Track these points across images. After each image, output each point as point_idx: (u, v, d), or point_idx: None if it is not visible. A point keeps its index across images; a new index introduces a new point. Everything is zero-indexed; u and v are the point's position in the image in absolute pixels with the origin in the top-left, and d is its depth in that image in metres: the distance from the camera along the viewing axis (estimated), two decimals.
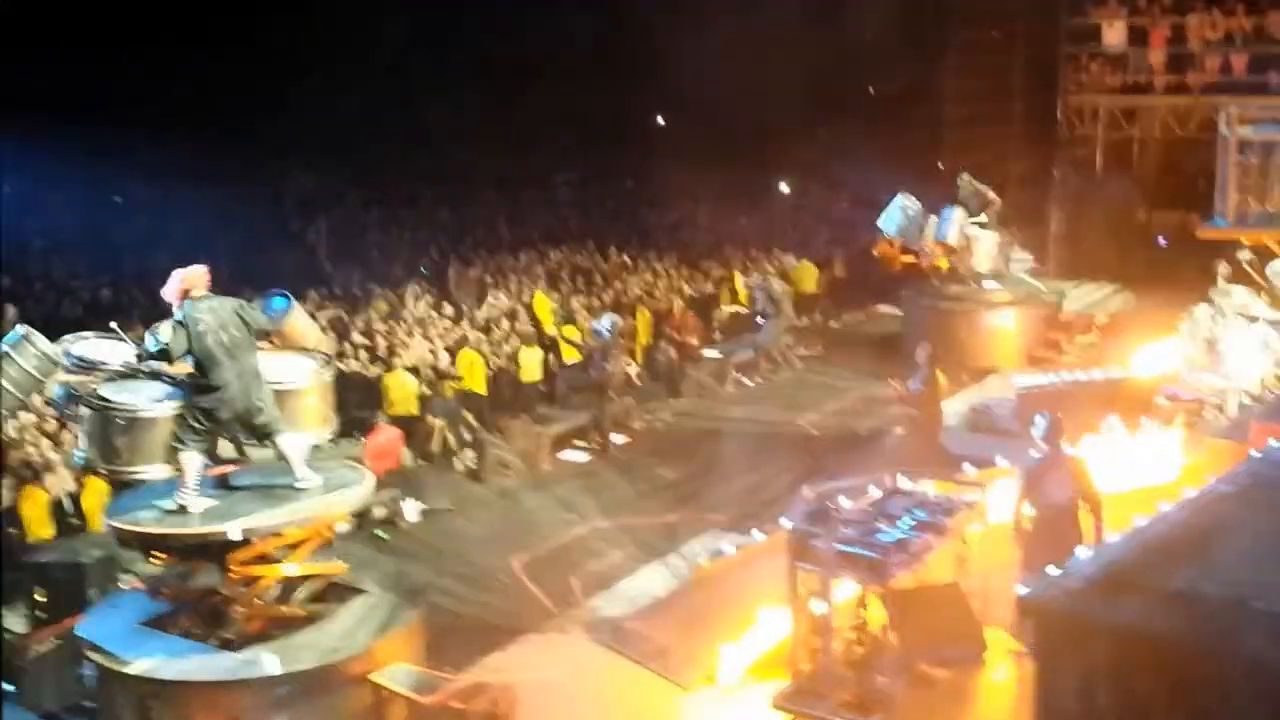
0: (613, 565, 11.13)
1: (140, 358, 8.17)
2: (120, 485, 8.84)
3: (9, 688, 9.08)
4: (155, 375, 8.16)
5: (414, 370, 14.50)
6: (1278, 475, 7.27)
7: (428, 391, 14.19)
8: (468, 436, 14.11)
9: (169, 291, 8.05)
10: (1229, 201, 18.52)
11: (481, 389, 14.87)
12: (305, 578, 8.46)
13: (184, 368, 8.03)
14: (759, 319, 18.15)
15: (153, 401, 8.06)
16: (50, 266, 19.73)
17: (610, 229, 24.10)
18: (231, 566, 8.04)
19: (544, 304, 17.99)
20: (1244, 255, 17.33)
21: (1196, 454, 11.26)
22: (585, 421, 14.70)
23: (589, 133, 28.73)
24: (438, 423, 13.78)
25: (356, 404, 13.86)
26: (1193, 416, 13.01)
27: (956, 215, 17.34)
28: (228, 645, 8.05)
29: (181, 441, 7.97)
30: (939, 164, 21.79)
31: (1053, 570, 6.23)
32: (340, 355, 14.27)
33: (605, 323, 15.00)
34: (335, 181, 25.94)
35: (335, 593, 8.82)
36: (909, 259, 17.71)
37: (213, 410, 8.00)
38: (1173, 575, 6.02)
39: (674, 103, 29.08)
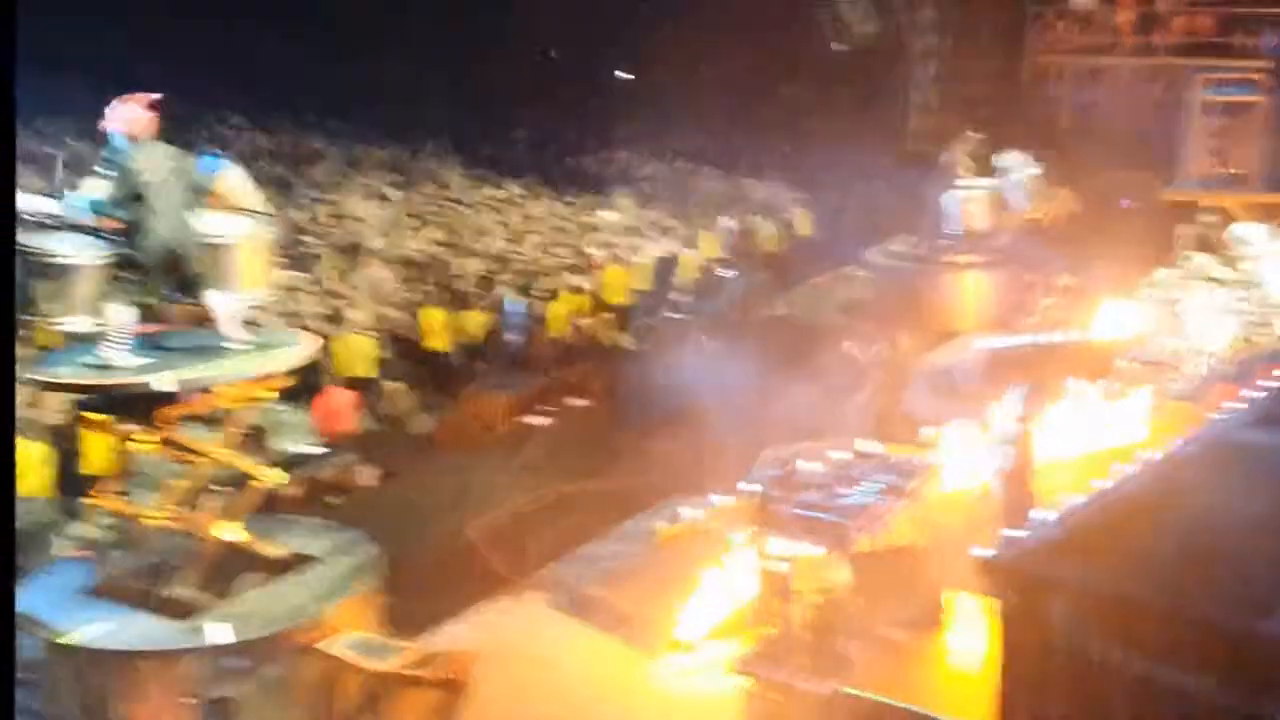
0: (572, 531, 10.99)
1: (67, 207, 7.89)
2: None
3: None
4: (77, 226, 7.88)
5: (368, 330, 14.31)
6: (1237, 437, 7.25)
7: (384, 354, 14.02)
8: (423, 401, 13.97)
9: (110, 123, 7.78)
10: (1194, 164, 18.54)
11: (445, 347, 14.70)
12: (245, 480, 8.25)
13: (110, 223, 7.76)
14: (724, 278, 18.04)
15: (76, 249, 7.76)
16: None
17: (573, 185, 23.86)
18: (160, 424, 7.80)
19: None
20: (1207, 218, 17.38)
21: (1158, 416, 11.26)
22: (542, 386, 14.54)
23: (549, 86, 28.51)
24: (392, 385, 13.60)
25: (307, 366, 13.66)
26: (1154, 379, 13.01)
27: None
28: (174, 612, 7.88)
29: (111, 293, 7.71)
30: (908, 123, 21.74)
31: (1012, 532, 6.17)
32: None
33: (519, 306, 14.96)
34: None
35: (287, 560, 8.66)
36: None
37: (139, 258, 7.74)
38: (1132, 536, 6.00)
39: (636, 55, 28.96)
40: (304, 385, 13.06)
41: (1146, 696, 5.39)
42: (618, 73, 30.60)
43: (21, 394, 11.77)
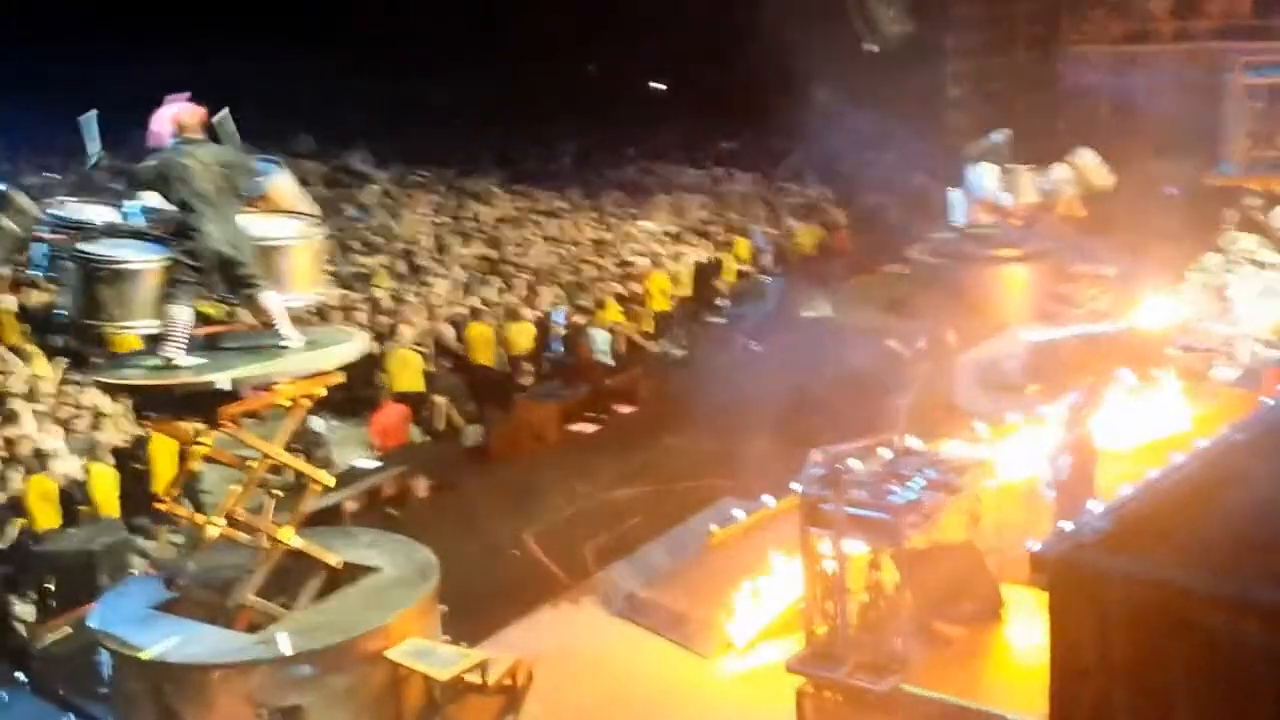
0: (625, 535, 11.08)
1: (124, 216, 8.12)
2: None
3: (23, 677, 9.12)
4: (138, 234, 8.09)
5: (418, 345, 14.50)
6: None
7: (432, 368, 14.20)
8: (474, 413, 14.13)
9: (158, 124, 7.96)
10: (1236, 148, 18.37)
11: (490, 362, 14.87)
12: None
13: (166, 228, 7.93)
14: (766, 282, 18.08)
15: (135, 254, 7.97)
16: None
17: (611, 197, 23.98)
18: (223, 421, 7.96)
19: None
20: (1252, 201, 17.21)
21: (1208, 403, 11.19)
22: (590, 394, 14.65)
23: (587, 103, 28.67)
24: (441, 399, 13.77)
25: (361, 382, 13.87)
26: (1204, 366, 12.92)
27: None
28: (242, 624, 8.08)
29: (169, 295, 7.87)
30: (945, 119, 21.67)
31: (1065, 525, 6.19)
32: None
33: (558, 314, 15.08)
34: None
35: (349, 571, 8.82)
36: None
37: (195, 259, 7.87)
38: (1185, 525, 5.98)
39: (669, 66, 29.00)
40: (360, 399, 13.31)
41: (1207, 687, 5.38)
42: (652, 83, 30.68)
43: (86, 417, 12.09)
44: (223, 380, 7.77)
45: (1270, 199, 17.19)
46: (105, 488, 11.28)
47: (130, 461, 11.77)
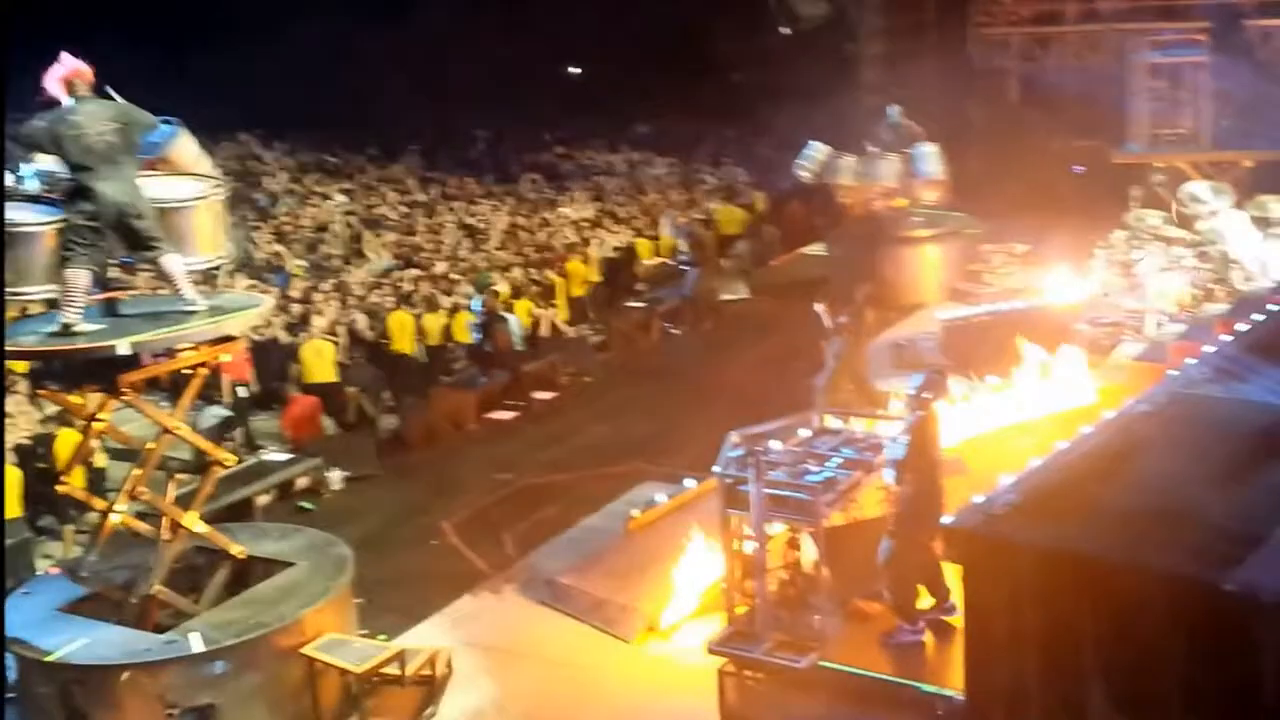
0: (545, 522, 11.03)
1: (19, 179, 7.89)
2: None
3: None
4: (34, 198, 7.86)
5: (331, 334, 14.28)
6: (1194, 394, 7.34)
7: (344, 359, 14.02)
8: (390, 402, 13.97)
9: (51, 81, 7.73)
10: (1141, 126, 18.72)
11: (410, 349, 14.70)
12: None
13: (60, 191, 7.73)
14: (683, 266, 18.09)
15: (30, 217, 7.72)
16: None
17: (528, 183, 23.83)
18: (123, 390, 7.75)
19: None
20: (1158, 179, 17.56)
21: (1115, 377, 11.40)
22: (508, 381, 14.55)
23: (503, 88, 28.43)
24: (353, 390, 13.59)
25: (274, 375, 13.64)
26: (1111, 340, 13.15)
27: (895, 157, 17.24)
28: (150, 626, 7.90)
29: (66, 258, 7.65)
30: (859, 101, 21.83)
31: (976, 497, 6.25)
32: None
33: (475, 302, 14.99)
34: None
35: (261, 567, 8.66)
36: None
37: (91, 219, 7.66)
38: (1095, 495, 6.08)
39: (588, 50, 28.86)
40: (273, 392, 13.08)
41: (1116, 656, 5.46)
42: (570, 69, 30.57)
43: None
44: (123, 345, 7.54)
45: (1176, 175, 17.54)
46: (8, 487, 10.94)
47: (33, 461, 11.45)
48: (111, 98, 7.92)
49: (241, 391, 13.24)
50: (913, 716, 7.24)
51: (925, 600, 7.92)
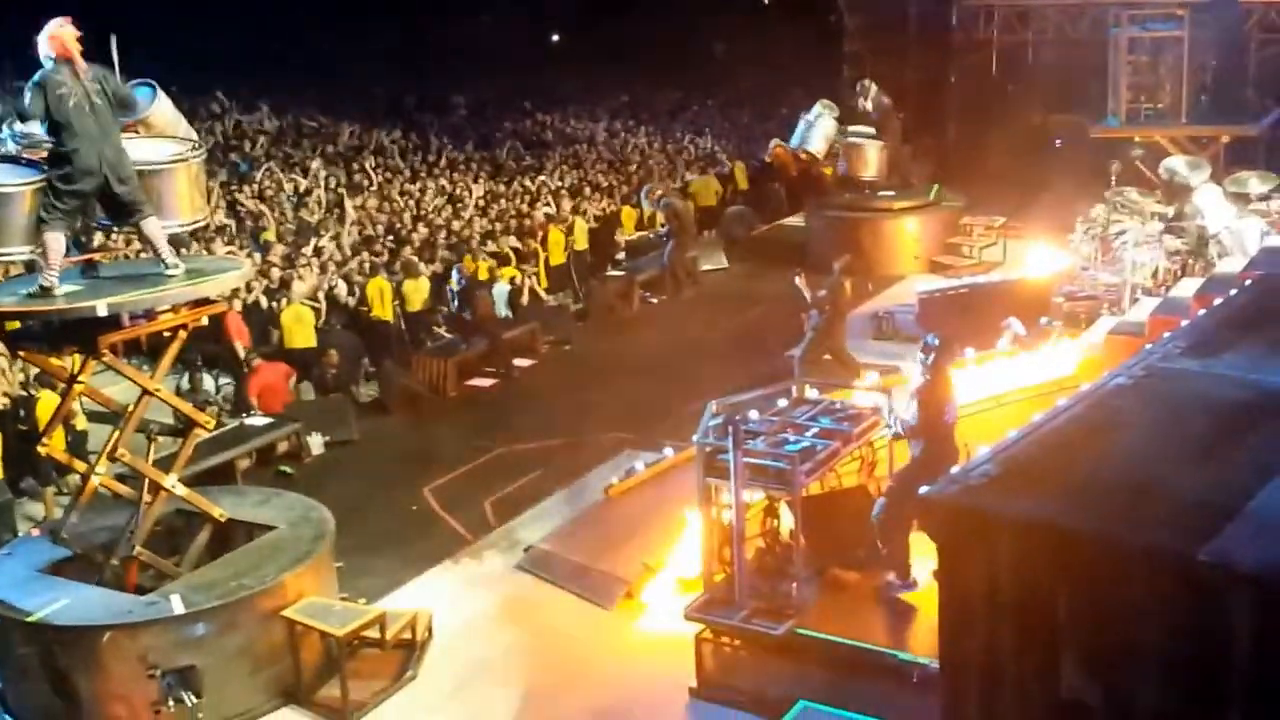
0: (525, 489, 11.07)
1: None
2: None
3: None
4: (13, 159, 7.86)
5: (311, 300, 14.22)
6: (1171, 366, 7.40)
7: (323, 324, 13.97)
8: (370, 368, 13.95)
9: (40, 44, 7.70)
10: (1121, 101, 18.78)
11: (389, 316, 14.66)
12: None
13: (40, 153, 7.70)
14: (663, 236, 18.09)
15: (8, 177, 7.72)
16: None
17: (508, 150, 23.71)
18: (102, 351, 7.77)
19: None
20: (1137, 153, 17.62)
21: (1093, 350, 11.48)
22: (488, 348, 14.54)
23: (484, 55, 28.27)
24: (333, 354, 13.55)
25: (256, 340, 13.57)
26: (1090, 313, 13.24)
27: (822, 124, 17.45)
28: (131, 588, 7.92)
29: (44, 220, 7.65)
30: (841, 73, 21.83)
31: (953, 469, 6.30)
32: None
33: (462, 271, 14.97)
34: None
35: (243, 530, 8.69)
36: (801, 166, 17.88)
37: (72, 182, 7.65)
38: (1071, 467, 6.11)
39: (568, 18, 28.68)
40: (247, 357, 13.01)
41: (1090, 627, 5.52)
42: (553, 36, 30.39)
43: None
44: (101, 306, 7.54)
45: (1153, 151, 17.60)
46: None
47: (14, 424, 11.39)
48: (110, 58, 7.90)
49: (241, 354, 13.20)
50: (888, 684, 7.33)
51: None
